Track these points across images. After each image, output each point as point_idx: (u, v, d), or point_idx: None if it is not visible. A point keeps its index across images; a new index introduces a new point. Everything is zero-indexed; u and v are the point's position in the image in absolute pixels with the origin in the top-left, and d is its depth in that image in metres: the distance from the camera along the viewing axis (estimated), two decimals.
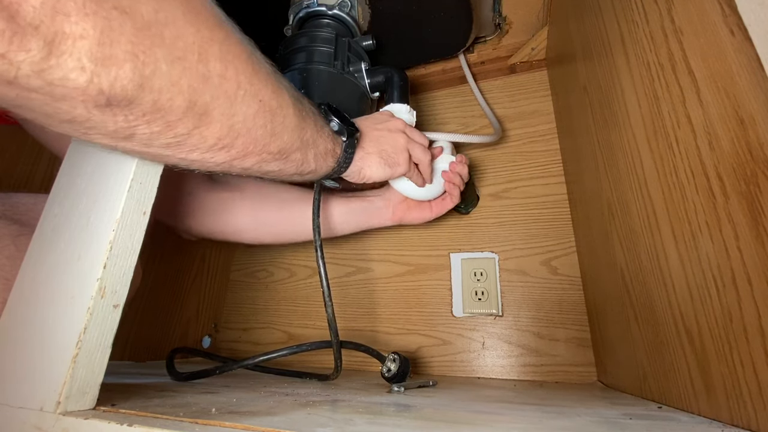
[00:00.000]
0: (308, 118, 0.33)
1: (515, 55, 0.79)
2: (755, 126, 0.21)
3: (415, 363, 0.66)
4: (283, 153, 0.31)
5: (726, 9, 0.23)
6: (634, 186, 0.37)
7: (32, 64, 0.16)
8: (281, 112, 0.29)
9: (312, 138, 0.34)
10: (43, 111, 0.19)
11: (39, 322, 0.26)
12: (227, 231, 0.52)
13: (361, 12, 0.63)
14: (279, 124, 0.30)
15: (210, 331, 0.80)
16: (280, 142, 0.30)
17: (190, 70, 0.22)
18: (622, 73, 0.38)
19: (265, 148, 0.29)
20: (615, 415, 0.30)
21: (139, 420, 0.23)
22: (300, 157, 0.34)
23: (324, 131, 0.36)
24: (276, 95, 0.29)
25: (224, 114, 0.25)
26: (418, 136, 0.51)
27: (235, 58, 0.25)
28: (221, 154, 0.27)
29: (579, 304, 0.60)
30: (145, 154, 0.25)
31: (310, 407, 0.30)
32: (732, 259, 0.23)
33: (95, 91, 0.19)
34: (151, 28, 0.20)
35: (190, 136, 0.24)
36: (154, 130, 0.23)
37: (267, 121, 0.28)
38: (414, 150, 0.48)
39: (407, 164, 0.47)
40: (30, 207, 0.36)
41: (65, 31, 0.17)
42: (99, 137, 0.22)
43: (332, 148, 0.38)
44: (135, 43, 0.19)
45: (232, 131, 0.26)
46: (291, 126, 0.31)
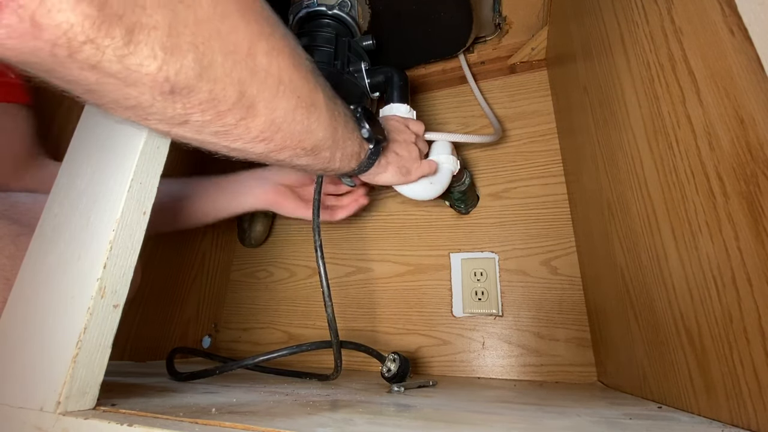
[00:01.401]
0: (339, 119, 0.35)
1: (515, 55, 0.79)
2: (755, 126, 0.21)
3: (415, 363, 0.66)
4: (315, 150, 0.33)
5: (726, 9, 0.23)
6: (634, 186, 0.37)
7: (115, 50, 0.18)
8: (316, 111, 0.31)
9: (342, 139, 0.35)
10: (113, 97, 0.21)
11: (39, 322, 0.26)
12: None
13: (361, 12, 0.63)
14: (314, 122, 0.31)
15: (210, 331, 0.80)
16: (314, 139, 0.32)
17: (240, 63, 0.23)
18: (622, 73, 0.38)
19: (300, 144, 0.31)
20: (615, 415, 0.30)
21: (139, 420, 0.23)
22: (328, 156, 0.35)
23: (354, 135, 0.37)
24: (312, 93, 0.30)
25: (267, 107, 0.26)
26: (423, 143, 0.53)
27: (279, 54, 0.26)
28: (261, 145, 0.29)
29: (579, 304, 0.60)
30: (193, 140, 0.27)
31: (310, 407, 0.30)
32: (732, 259, 0.23)
33: (162, 78, 0.20)
34: (209, 22, 0.21)
35: (237, 126, 0.26)
36: (207, 118, 0.24)
37: (304, 117, 0.30)
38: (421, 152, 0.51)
39: (418, 172, 0.49)
40: (30, 207, 0.36)
41: (142, 21, 0.18)
42: (156, 123, 0.24)
43: (358, 152, 0.39)
44: (196, 35, 0.21)
45: (273, 125, 0.27)
46: (324, 125, 0.32)
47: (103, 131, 0.30)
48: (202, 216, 0.54)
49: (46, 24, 0.16)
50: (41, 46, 0.17)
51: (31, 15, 0.16)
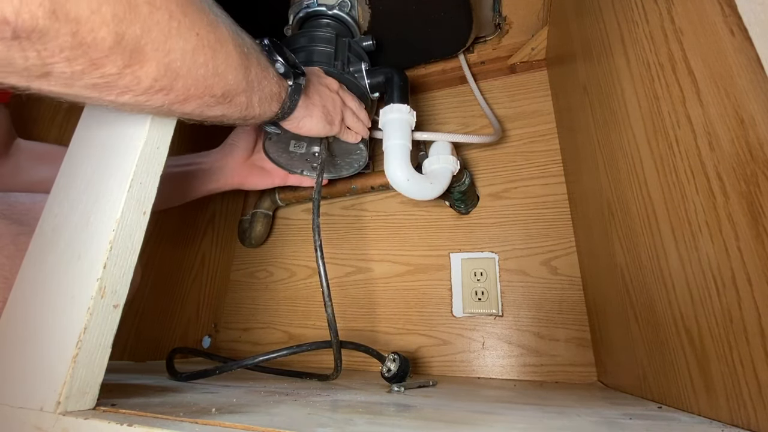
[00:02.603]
0: (251, 56, 0.30)
1: (515, 55, 0.79)
2: (755, 126, 0.21)
3: (415, 363, 0.66)
4: (227, 96, 0.28)
5: (726, 9, 0.23)
6: (634, 186, 0.37)
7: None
8: (222, 49, 0.26)
9: (257, 79, 0.31)
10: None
11: (39, 322, 0.26)
12: None
13: (361, 12, 0.63)
14: (221, 63, 0.26)
15: (210, 331, 0.80)
16: (224, 83, 0.27)
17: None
18: (622, 73, 0.38)
19: (208, 90, 0.26)
20: (615, 415, 0.30)
21: (139, 420, 0.23)
22: (245, 101, 0.31)
23: (269, 72, 0.33)
24: (213, 28, 0.26)
25: (159, 50, 0.22)
26: (350, 99, 0.51)
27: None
28: (158, 97, 0.24)
29: (579, 304, 0.60)
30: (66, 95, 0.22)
31: (310, 407, 0.30)
32: (732, 259, 0.23)
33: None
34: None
35: (121, 76, 0.21)
36: (76, 68, 0.20)
37: (208, 58, 0.25)
38: (346, 115, 0.49)
39: (340, 126, 0.47)
40: (29, 207, 0.36)
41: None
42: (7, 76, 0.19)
43: (278, 91, 0.35)
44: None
45: (169, 71, 0.23)
46: (234, 64, 0.28)
47: (103, 131, 0.30)
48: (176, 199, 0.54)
49: None
50: None
51: None
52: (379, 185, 0.71)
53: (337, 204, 0.82)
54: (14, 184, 0.47)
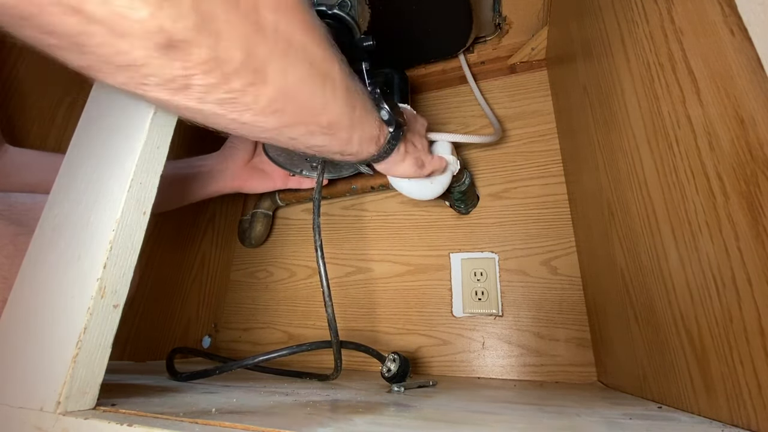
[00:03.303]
0: (357, 96, 0.32)
1: (515, 55, 0.79)
2: (755, 126, 0.21)
3: (415, 363, 0.66)
4: (332, 128, 0.31)
5: (726, 9, 0.23)
6: (634, 186, 0.37)
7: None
8: (330, 83, 0.28)
9: (360, 119, 0.33)
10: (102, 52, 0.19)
11: (39, 322, 0.26)
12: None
13: (361, 12, 0.63)
14: (329, 95, 0.29)
15: (210, 331, 0.80)
16: (331, 114, 0.30)
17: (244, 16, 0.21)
18: (622, 73, 0.38)
19: (315, 119, 0.29)
20: (615, 415, 0.30)
21: (139, 420, 0.23)
22: (346, 136, 0.33)
23: (372, 115, 0.35)
24: (327, 62, 0.28)
25: (277, 72, 0.24)
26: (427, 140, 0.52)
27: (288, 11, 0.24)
28: (273, 118, 0.26)
29: (579, 304, 0.60)
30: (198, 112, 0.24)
31: (310, 407, 0.30)
32: (732, 259, 0.23)
33: (156, 26, 0.18)
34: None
35: (245, 93, 0.24)
36: (211, 81, 0.22)
37: (318, 87, 0.27)
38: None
39: (430, 167, 0.48)
40: (29, 207, 0.36)
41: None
42: (155, 89, 0.22)
43: (377, 135, 0.37)
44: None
45: (284, 94, 0.25)
46: (341, 99, 0.30)
47: (104, 131, 0.30)
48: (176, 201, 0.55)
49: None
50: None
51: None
52: (379, 185, 0.71)
53: (337, 204, 0.82)
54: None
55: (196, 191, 0.56)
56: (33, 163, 0.49)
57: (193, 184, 0.55)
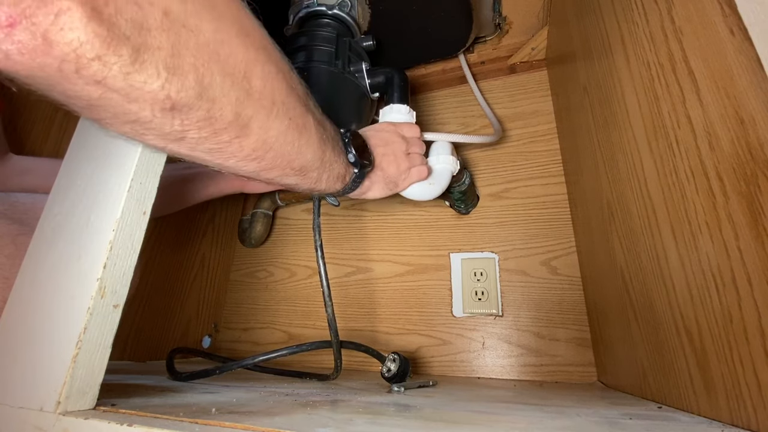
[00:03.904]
0: (328, 142, 0.36)
1: (515, 55, 0.79)
2: (755, 126, 0.21)
3: (415, 363, 0.66)
4: (303, 171, 0.34)
5: (726, 9, 0.23)
6: (634, 186, 0.37)
7: (121, 67, 0.19)
8: (306, 133, 0.32)
9: (329, 161, 0.37)
10: (114, 111, 0.22)
11: (39, 322, 0.26)
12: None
13: (361, 12, 0.63)
14: (304, 143, 0.32)
15: (210, 331, 0.80)
16: (303, 160, 0.33)
17: (237, 85, 0.25)
18: (622, 73, 0.38)
19: (290, 164, 0.32)
20: (615, 415, 0.30)
21: (139, 420, 0.23)
22: (315, 177, 0.36)
23: (340, 158, 0.39)
24: (303, 116, 0.31)
25: (261, 127, 0.27)
26: (417, 145, 0.52)
27: (274, 78, 0.28)
28: (253, 164, 0.29)
29: (579, 304, 0.60)
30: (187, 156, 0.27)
31: (310, 407, 0.30)
32: (732, 259, 0.23)
33: (164, 95, 0.21)
34: (210, 46, 0.23)
35: (231, 144, 0.27)
36: (203, 135, 0.25)
37: (294, 138, 0.31)
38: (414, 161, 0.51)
39: (406, 184, 0.50)
40: (29, 207, 0.36)
41: (148, 42, 0.20)
42: (153, 138, 0.24)
43: (343, 174, 0.40)
44: (197, 57, 0.22)
45: (265, 144, 0.28)
46: (314, 147, 0.33)
47: (103, 132, 0.30)
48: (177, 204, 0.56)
49: (57, 41, 0.17)
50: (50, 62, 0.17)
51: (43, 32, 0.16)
52: None
53: None
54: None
55: (197, 193, 0.56)
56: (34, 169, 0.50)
57: (193, 186, 0.55)
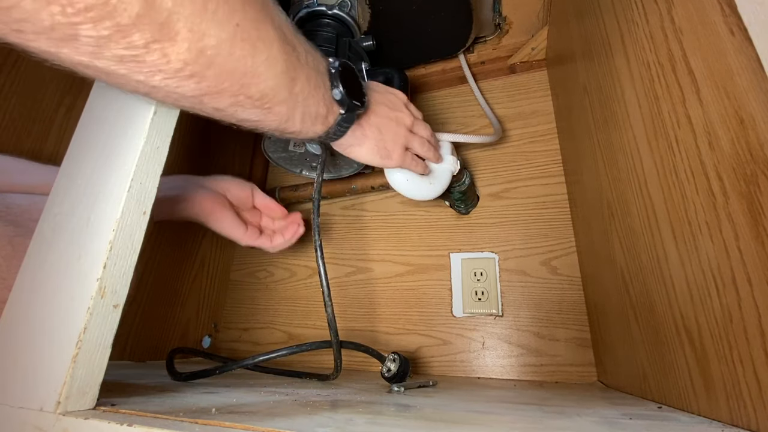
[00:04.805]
0: (300, 69, 0.29)
1: (515, 55, 0.79)
2: (755, 126, 0.21)
3: (415, 363, 0.66)
4: (265, 101, 0.27)
5: (726, 9, 0.23)
6: (634, 186, 0.37)
7: None
8: (264, 49, 0.25)
9: (303, 94, 0.30)
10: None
11: (39, 322, 0.26)
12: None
13: (361, 12, 0.63)
14: (261, 63, 0.25)
15: (210, 331, 0.80)
16: (263, 86, 0.26)
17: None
18: (622, 73, 0.38)
19: (243, 89, 0.25)
20: (615, 415, 0.30)
21: (139, 420, 0.23)
22: (285, 112, 0.29)
23: (320, 93, 0.32)
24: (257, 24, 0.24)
25: (192, 31, 0.21)
26: (423, 129, 0.48)
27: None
28: (189, 84, 0.23)
29: (579, 304, 0.60)
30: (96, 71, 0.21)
31: (310, 407, 0.30)
32: (732, 259, 0.23)
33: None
34: None
35: (149, 51, 0.21)
36: (102, 33, 0.19)
37: (246, 54, 0.24)
38: (413, 144, 0.46)
39: (400, 160, 0.45)
40: (26, 208, 0.36)
41: None
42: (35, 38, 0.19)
43: (324, 114, 0.33)
44: None
45: (202, 56, 0.22)
46: (277, 70, 0.26)
47: (104, 131, 0.30)
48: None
49: None
50: None
51: None
52: (379, 185, 0.71)
53: (337, 204, 0.82)
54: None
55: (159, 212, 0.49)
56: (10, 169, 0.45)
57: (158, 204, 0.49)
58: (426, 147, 0.48)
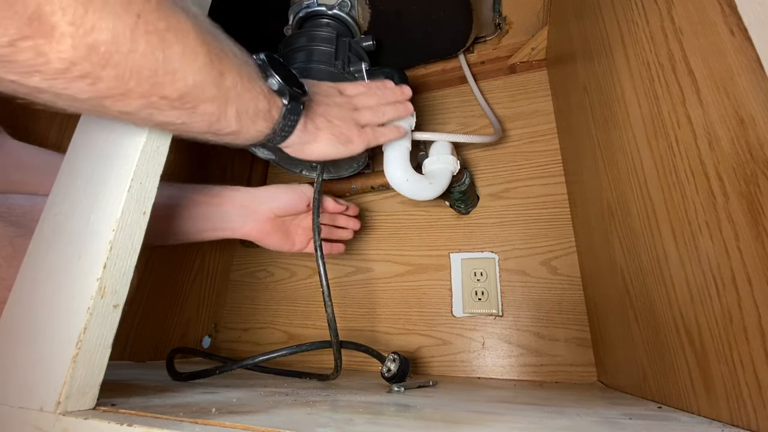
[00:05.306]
0: (227, 61, 0.26)
1: (515, 55, 0.79)
2: (755, 126, 0.21)
3: (415, 363, 0.66)
4: (187, 101, 0.24)
5: (726, 9, 0.23)
6: (634, 186, 0.37)
7: None
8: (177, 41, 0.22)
9: (235, 89, 0.27)
10: None
11: (39, 322, 0.26)
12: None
13: (361, 12, 0.63)
14: (176, 58, 0.22)
15: (210, 331, 0.80)
16: (182, 84, 0.23)
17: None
18: (622, 73, 0.38)
19: (156, 90, 0.22)
20: (615, 415, 0.30)
21: (139, 420, 0.23)
22: (214, 111, 0.26)
23: (256, 85, 0.29)
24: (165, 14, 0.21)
25: (74, 24, 0.18)
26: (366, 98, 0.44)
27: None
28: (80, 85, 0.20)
29: (579, 304, 0.60)
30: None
31: (310, 407, 0.30)
32: (732, 259, 0.23)
33: None
34: None
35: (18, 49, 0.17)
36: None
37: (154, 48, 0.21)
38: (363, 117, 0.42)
39: (362, 141, 0.41)
40: (27, 209, 0.36)
41: None
42: None
43: (266, 108, 0.30)
44: None
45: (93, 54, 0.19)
46: (197, 64, 0.24)
47: (104, 131, 0.30)
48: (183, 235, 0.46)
49: None
50: None
51: None
52: (379, 185, 0.71)
53: None
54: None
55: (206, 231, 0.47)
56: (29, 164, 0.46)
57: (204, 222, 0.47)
58: (381, 112, 0.44)
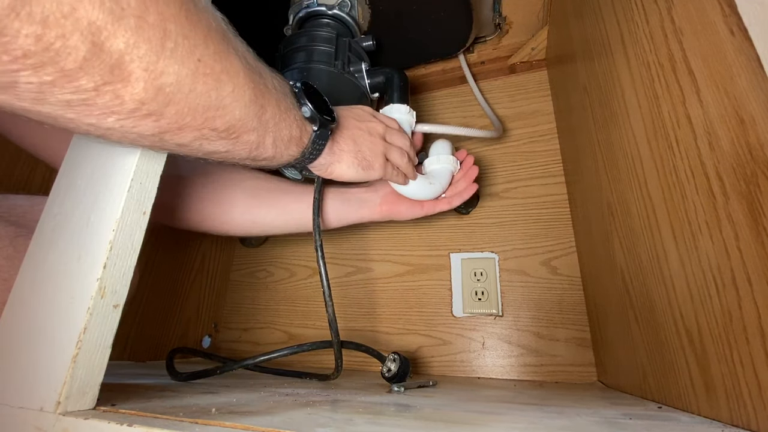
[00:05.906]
0: (269, 95, 0.28)
1: (515, 55, 0.79)
2: (755, 126, 0.21)
3: (415, 363, 0.66)
4: (233, 132, 0.26)
5: (726, 9, 0.23)
6: (634, 186, 0.37)
7: None
8: (230, 81, 0.24)
9: (273, 119, 0.29)
10: None
11: (39, 322, 0.26)
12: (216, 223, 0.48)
13: (361, 12, 0.63)
14: (227, 95, 0.24)
15: (210, 331, 0.80)
16: (230, 117, 0.25)
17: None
18: (622, 73, 0.38)
19: (208, 123, 0.24)
20: (615, 415, 0.30)
21: (139, 420, 0.23)
22: (255, 140, 0.28)
23: (290, 114, 0.31)
24: (221, 57, 0.23)
25: (147, 70, 0.20)
26: (399, 138, 0.48)
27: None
28: (147, 123, 0.22)
29: (579, 304, 0.60)
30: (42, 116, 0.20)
31: (310, 407, 0.30)
32: (732, 259, 0.23)
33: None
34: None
35: (100, 93, 0.19)
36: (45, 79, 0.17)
37: (210, 88, 0.23)
38: (392, 155, 0.46)
39: (382, 170, 0.45)
40: (27, 209, 0.36)
41: None
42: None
43: (298, 135, 0.33)
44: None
45: (160, 94, 0.21)
46: (244, 100, 0.26)
47: None
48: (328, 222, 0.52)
49: None
50: None
51: None
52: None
53: None
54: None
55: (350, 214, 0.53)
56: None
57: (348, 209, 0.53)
58: (405, 160, 0.47)
